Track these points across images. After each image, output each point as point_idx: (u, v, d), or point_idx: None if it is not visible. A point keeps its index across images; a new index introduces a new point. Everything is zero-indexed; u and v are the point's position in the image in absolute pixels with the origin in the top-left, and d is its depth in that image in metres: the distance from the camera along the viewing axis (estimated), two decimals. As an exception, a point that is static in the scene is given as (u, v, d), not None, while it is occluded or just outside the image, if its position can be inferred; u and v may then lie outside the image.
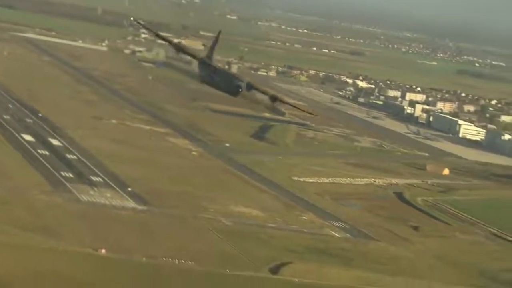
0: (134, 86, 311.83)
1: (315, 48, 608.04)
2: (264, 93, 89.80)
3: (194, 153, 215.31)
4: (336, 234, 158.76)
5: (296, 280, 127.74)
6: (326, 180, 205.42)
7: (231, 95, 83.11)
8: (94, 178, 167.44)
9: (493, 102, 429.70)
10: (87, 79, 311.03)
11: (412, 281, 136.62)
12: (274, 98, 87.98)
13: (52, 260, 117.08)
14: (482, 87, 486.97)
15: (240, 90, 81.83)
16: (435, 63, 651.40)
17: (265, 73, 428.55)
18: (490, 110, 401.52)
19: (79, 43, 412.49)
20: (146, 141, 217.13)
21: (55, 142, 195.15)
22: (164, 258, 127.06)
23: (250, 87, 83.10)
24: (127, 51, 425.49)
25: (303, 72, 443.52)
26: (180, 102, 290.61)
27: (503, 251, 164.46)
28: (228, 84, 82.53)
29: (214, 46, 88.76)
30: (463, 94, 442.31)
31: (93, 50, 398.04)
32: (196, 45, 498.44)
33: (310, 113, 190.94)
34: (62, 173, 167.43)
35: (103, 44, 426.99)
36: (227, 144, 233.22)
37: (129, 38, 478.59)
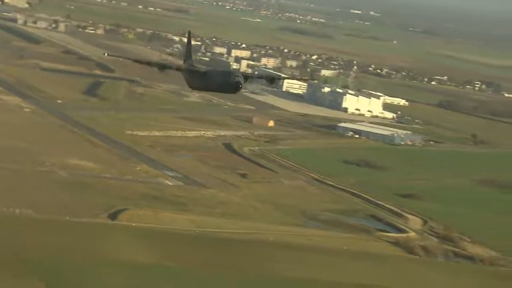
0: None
1: (141, 6, 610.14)
2: (260, 77, 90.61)
3: (26, 110, 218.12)
4: (169, 183, 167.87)
5: (133, 224, 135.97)
6: (157, 133, 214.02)
7: (232, 93, 74.50)
8: None
9: (314, 57, 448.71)
10: None
11: (239, 222, 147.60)
12: (271, 80, 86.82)
13: None
14: (304, 43, 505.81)
15: (240, 86, 72.97)
16: (259, 20, 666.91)
17: (93, 31, 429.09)
18: (311, 65, 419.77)
19: None
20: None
21: None
22: (4, 208, 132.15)
23: (246, 77, 74.92)
24: None
25: (130, 30, 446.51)
26: (8, 60, 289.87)
27: (322, 194, 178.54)
28: (225, 84, 73.96)
29: (189, 50, 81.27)
30: (285, 50, 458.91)
31: None
32: (20, 3, 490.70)
33: (306, 79, 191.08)
34: None
35: None
36: (60, 101, 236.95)
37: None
